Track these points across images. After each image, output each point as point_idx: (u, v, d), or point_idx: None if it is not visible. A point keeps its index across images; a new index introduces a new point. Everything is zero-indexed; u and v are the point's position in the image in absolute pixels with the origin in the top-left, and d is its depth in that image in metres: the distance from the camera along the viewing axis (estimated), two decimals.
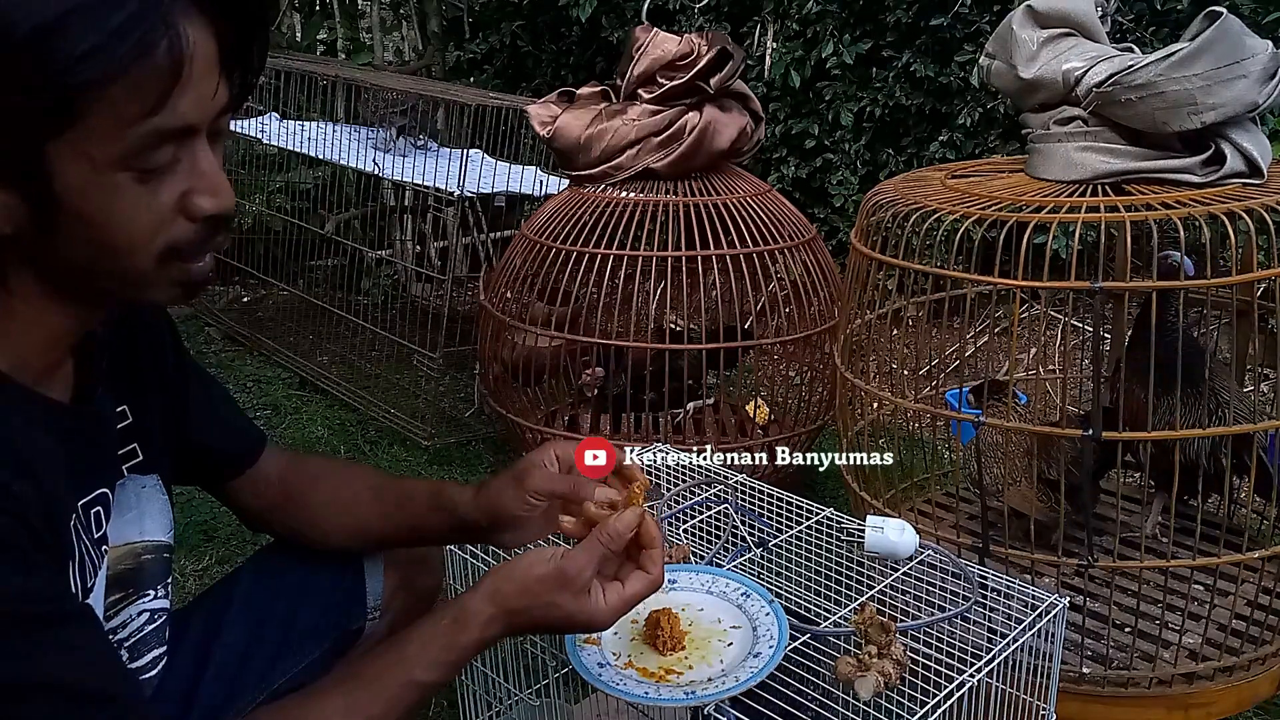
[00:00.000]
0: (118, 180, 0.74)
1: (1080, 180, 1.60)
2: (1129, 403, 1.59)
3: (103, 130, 0.72)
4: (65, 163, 0.73)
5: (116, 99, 0.71)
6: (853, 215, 3.52)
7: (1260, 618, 1.60)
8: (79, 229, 0.75)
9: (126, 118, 0.72)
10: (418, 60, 4.87)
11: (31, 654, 0.74)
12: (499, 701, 1.35)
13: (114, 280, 0.80)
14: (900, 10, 3.41)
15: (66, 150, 0.72)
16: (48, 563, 0.79)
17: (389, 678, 0.92)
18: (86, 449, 0.90)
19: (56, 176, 0.73)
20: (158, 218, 0.77)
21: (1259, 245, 1.44)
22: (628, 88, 2.31)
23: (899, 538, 1.25)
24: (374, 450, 2.76)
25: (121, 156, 0.74)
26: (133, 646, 1.01)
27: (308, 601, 1.20)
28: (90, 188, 0.74)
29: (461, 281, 3.70)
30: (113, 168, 0.74)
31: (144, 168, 0.75)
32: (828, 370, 2.29)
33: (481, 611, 0.94)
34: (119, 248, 0.77)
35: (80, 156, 0.73)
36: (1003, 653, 1.10)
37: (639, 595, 0.97)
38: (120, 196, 0.75)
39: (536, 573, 0.95)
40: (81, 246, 0.77)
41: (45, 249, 0.77)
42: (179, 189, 0.78)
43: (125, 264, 0.78)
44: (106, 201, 0.75)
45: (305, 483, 1.20)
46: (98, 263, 0.78)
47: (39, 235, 0.76)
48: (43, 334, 0.83)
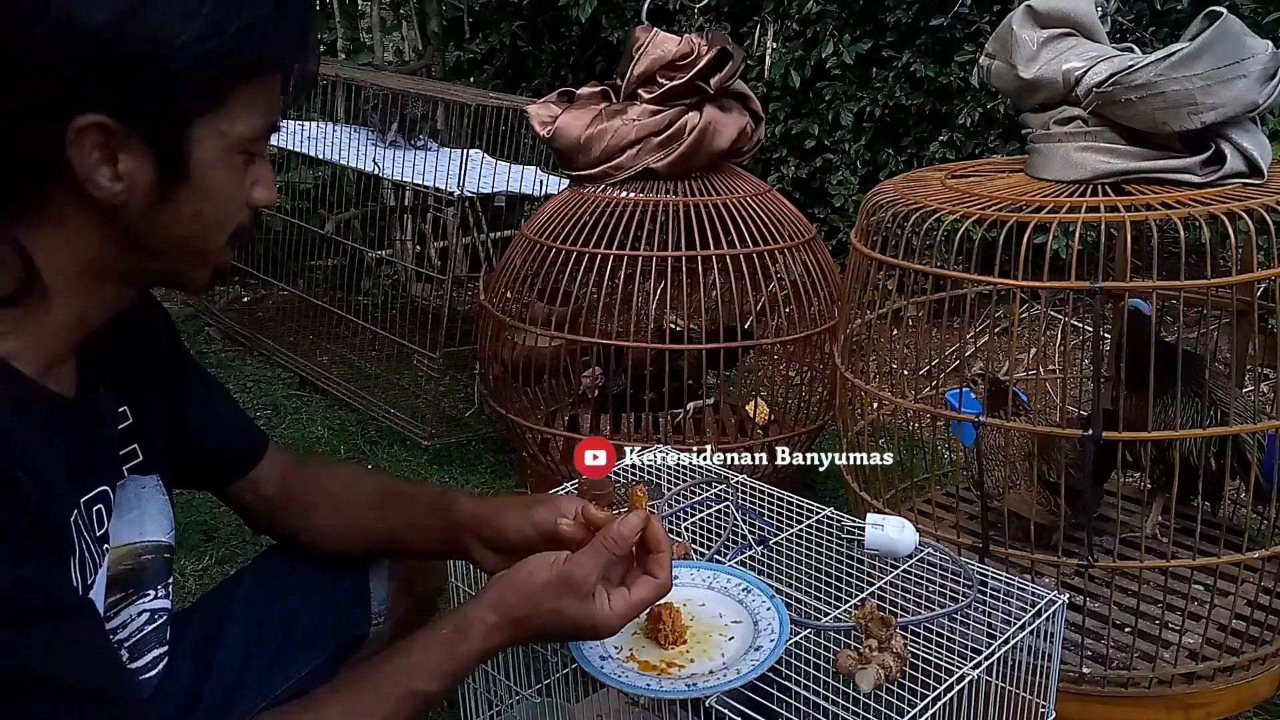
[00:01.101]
0: (235, 161, 0.84)
1: (1080, 180, 1.60)
2: (1123, 409, 1.59)
3: (242, 115, 0.81)
4: (205, 140, 0.80)
5: (257, 89, 0.81)
6: (853, 215, 3.52)
7: (1260, 618, 1.61)
8: (193, 201, 0.82)
9: (259, 107, 0.82)
10: (418, 60, 4.87)
11: (28, 646, 0.74)
12: (500, 700, 1.35)
13: (185, 257, 0.86)
14: (900, 10, 3.41)
15: (209, 128, 0.80)
16: (47, 555, 0.79)
17: (389, 687, 0.92)
18: (88, 446, 0.90)
19: (194, 151, 0.80)
20: (242, 200, 0.86)
21: (1259, 245, 1.44)
22: (628, 88, 2.31)
23: (899, 535, 1.26)
24: (374, 450, 2.76)
25: (246, 139, 0.83)
26: (133, 646, 1.02)
27: (310, 603, 1.20)
28: (217, 165, 0.82)
29: (461, 281, 3.70)
30: (236, 149, 0.83)
31: (253, 152, 0.84)
32: (828, 370, 2.29)
33: (484, 621, 0.94)
34: (216, 222, 0.85)
35: (219, 136, 0.81)
36: (1002, 648, 1.10)
37: (645, 601, 0.96)
38: (233, 176, 0.84)
39: (539, 579, 0.94)
40: (182, 221, 0.83)
41: (149, 218, 0.81)
42: (252, 179, 0.86)
43: (208, 240, 0.86)
44: (223, 179, 0.83)
45: (308, 485, 1.20)
46: (185, 238, 0.84)
47: (152, 204, 0.80)
48: (64, 320, 0.84)
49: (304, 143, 3.34)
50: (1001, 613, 1.18)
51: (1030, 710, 1.17)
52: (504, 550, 1.09)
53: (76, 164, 0.76)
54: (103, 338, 0.94)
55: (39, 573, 0.77)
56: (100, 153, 0.76)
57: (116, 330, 0.97)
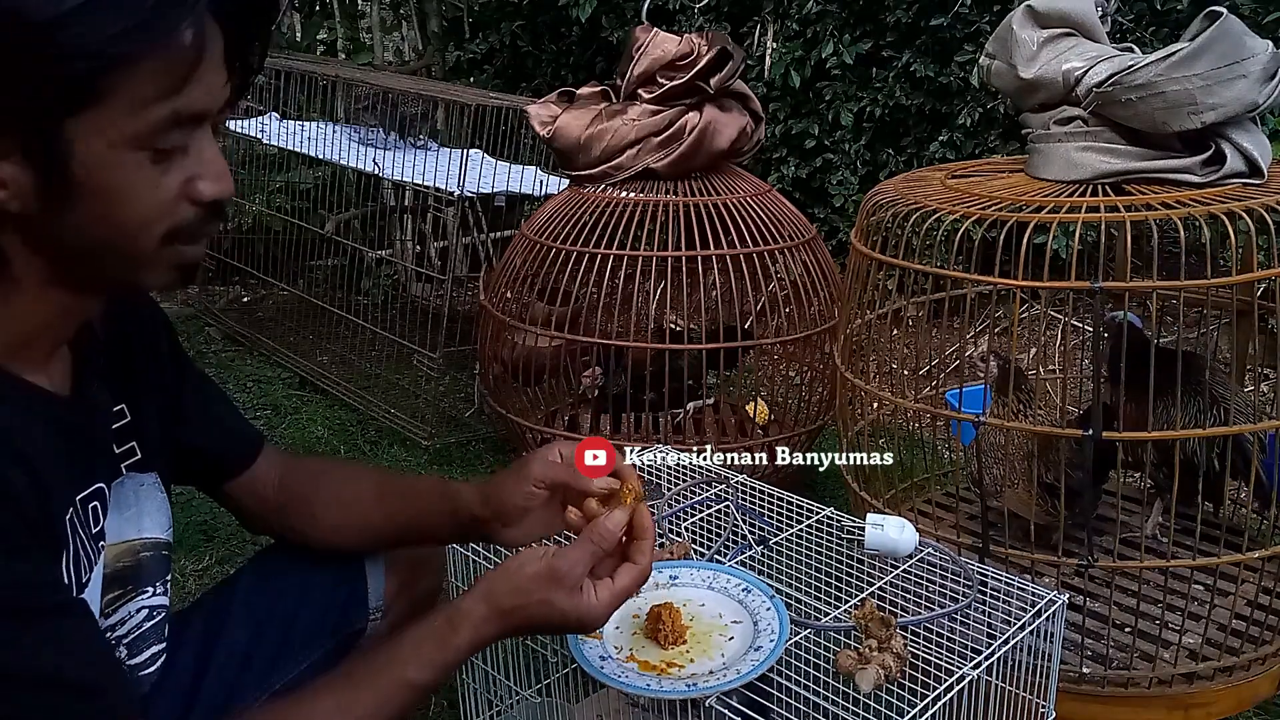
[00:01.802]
0: (132, 159, 0.76)
1: (1080, 180, 1.60)
2: (1121, 414, 1.59)
3: (124, 108, 0.74)
4: (84, 139, 0.74)
5: (141, 79, 0.73)
6: (853, 215, 3.52)
7: (1260, 618, 1.61)
8: (91, 206, 0.76)
9: (147, 98, 0.74)
10: (418, 60, 4.87)
11: (21, 643, 0.74)
12: (500, 700, 1.35)
13: (116, 261, 0.81)
14: (900, 10, 3.42)
15: (86, 126, 0.74)
16: (41, 553, 0.80)
17: (381, 678, 0.92)
18: (83, 443, 0.90)
19: (74, 152, 0.74)
20: (165, 199, 0.79)
21: (1259, 245, 1.44)
22: (628, 88, 2.31)
23: (899, 535, 1.26)
24: (374, 450, 2.76)
25: (138, 135, 0.75)
26: (131, 643, 1.02)
27: (309, 602, 1.20)
28: (106, 164, 0.75)
29: (461, 281, 3.70)
30: (129, 146, 0.76)
31: (157, 148, 0.77)
32: (828, 370, 2.29)
33: (474, 611, 0.95)
34: (128, 226, 0.78)
35: (99, 133, 0.74)
36: (1003, 648, 1.10)
37: (628, 588, 0.97)
38: (133, 175, 0.77)
39: (529, 570, 0.95)
40: (91, 225, 0.78)
41: (52, 227, 0.78)
42: (185, 174, 0.79)
43: (131, 244, 0.79)
44: (120, 179, 0.76)
45: (306, 484, 1.20)
46: (104, 242, 0.79)
47: (48, 212, 0.76)
48: (37, 321, 0.83)
49: (304, 143, 3.34)
50: (1001, 613, 1.18)
51: (1030, 710, 1.17)
52: (516, 521, 1.11)
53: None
54: (99, 337, 0.94)
55: (32, 570, 0.77)
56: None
57: (113, 330, 0.97)
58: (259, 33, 0.81)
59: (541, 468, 1.08)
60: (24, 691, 0.75)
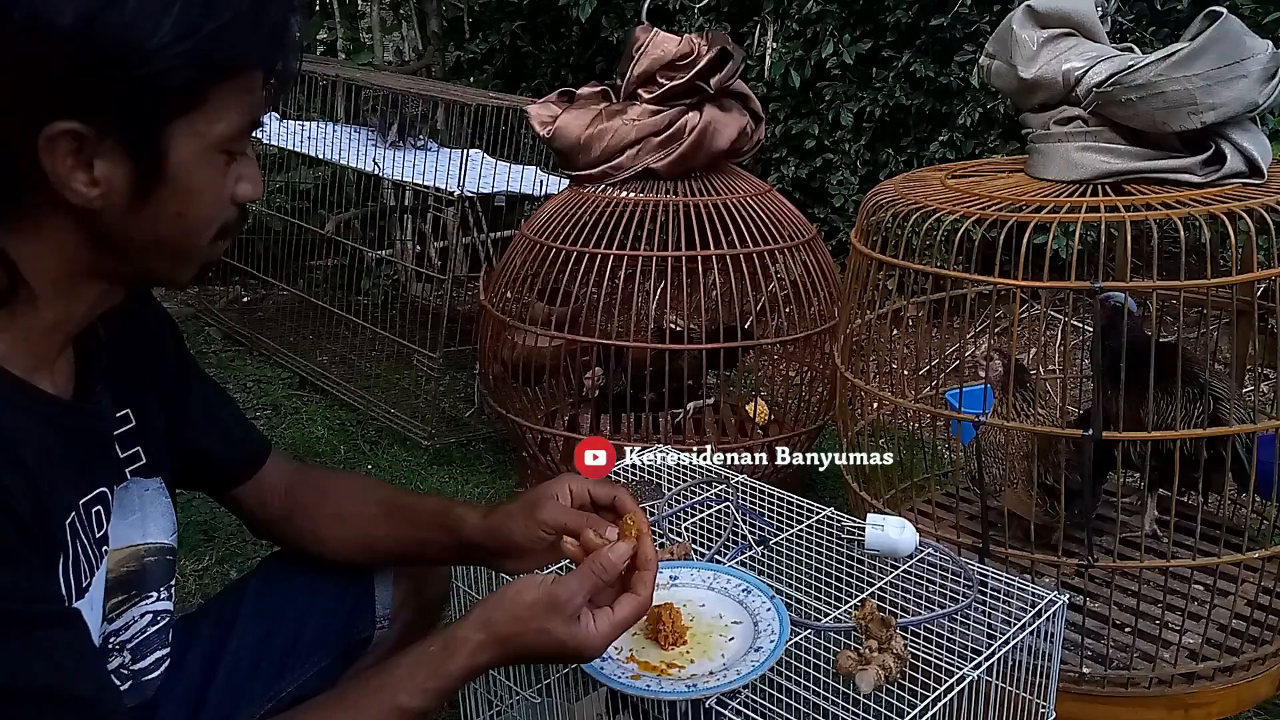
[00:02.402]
0: (216, 161, 0.81)
1: (1080, 180, 1.60)
2: (1104, 407, 1.59)
3: (220, 114, 0.79)
4: (183, 142, 0.79)
5: (238, 87, 0.80)
6: (853, 215, 3.52)
7: (1260, 618, 1.60)
8: (172, 202, 0.80)
9: (239, 104, 0.81)
10: (418, 60, 4.87)
11: (10, 654, 0.74)
12: (500, 700, 1.35)
13: (170, 256, 0.85)
14: (900, 10, 3.42)
15: (186, 129, 0.78)
16: (35, 561, 0.79)
17: (373, 702, 0.92)
18: (86, 446, 0.90)
19: (172, 154, 0.78)
20: (225, 198, 0.84)
21: (1259, 245, 1.44)
22: (628, 88, 2.31)
23: (899, 535, 1.26)
24: (374, 450, 2.76)
25: (225, 139, 0.81)
26: (135, 648, 1.01)
27: (316, 609, 1.20)
28: (196, 166, 0.80)
29: (461, 281, 3.70)
30: (217, 149, 0.81)
31: (234, 151, 0.82)
32: (828, 370, 2.29)
33: (470, 638, 0.94)
34: (197, 224, 0.83)
35: (196, 136, 0.79)
36: (1003, 649, 1.10)
37: (627, 620, 0.96)
38: (214, 175, 0.82)
39: (527, 598, 0.94)
40: (163, 222, 0.81)
41: (125, 224, 0.80)
42: (235, 175, 0.84)
43: (192, 239, 0.84)
44: (203, 180, 0.82)
45: (312, 495, 1.20)
46: (168, 239, 0.83)
47: (131, 205, 0.79)
48: (53, 317, 0.84)
49: (304, 143, 3.34)
50: (1001, 613, 1.18)
51: (1030, 710, 1.17)
52: (520, 556, 1.10)
53: (50, 171, 0.75)
54: (102, 339, 0.94)
55: (25, 580, 0.77)
56: (74, 159, 0.75)
57: (119, 333, 0.97)
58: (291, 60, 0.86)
59: (553, 514, 1.07)
60: (9, 702, 0.74)
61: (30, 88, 0.73)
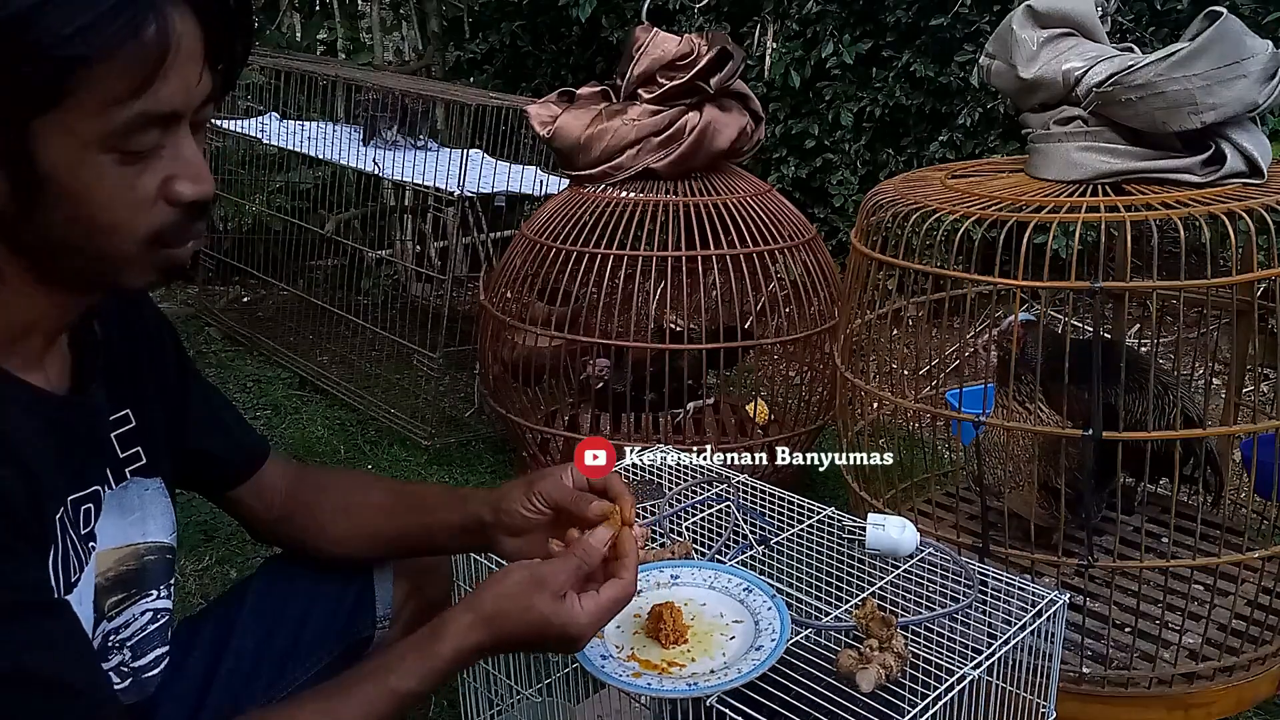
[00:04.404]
0: (102, 160, 0.75)
1: (1080, 180, 1.60)
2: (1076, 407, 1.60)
3: (89, 109, 0.73)
4: (51, 140, 0.73)
5: (103, 78, 0.72)
6: (853, 215, 3.52)
7: (1260, 618, 1.61)
8: (62, 207, 0.76)
9: (112, 98, 0.73)
10: (418, 60, 4.87)
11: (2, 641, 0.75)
12: (501, 700, 1.35)
13: (96, 261, 0.81)
14: (900, 10, 3.42)
15: (53, 127, 0.73)
16: (28, 551, 0.80)
17: (367, 685, 0.93)
18: (78, 442, 0.90)
19: (41, 153, 0.74)
20: (140, 201, 0.78)
21: (1259, 245, 1.44)
22: (628, 88, 2.31)
23: (900, 535, 1.26)
24: (374, 450, 2.76)
25: (106, 136, 0.74)
26: (135, 646, 1.02)
27: (317, 608, 1.21)
28: (74, 166, 0.75)
29: (461, 281, 3.70)
30: (97, 147, 0.75)
31: (127, 150, 0.76)
32: (828, 370, 2.29)
33: (459, 619, 0.95)
34: (102, 228, 0.78)
35: (66, 134, 0.73)
36: (1003, 648, 1.10)
37: (614, 600, 0.97)
38: (103, 177, 0.76)
39: (514, 578, 0.96)
40: (64, 226, 0.77)
41: (29, 228, 0.78)
42: (162, 174, 0.79)
43: (108, 245, 0.79)
44: (90, 180, 0.76)
45: (313, 492, 1.20)
46: (80, 243, 0.79)
47: (23, 213, 0.76)
48: (26, 317, 0.83)
49: (304, 143, 3.34)
50: (1002, 613, 1.18)
51: (1030, 710, 1.17)
52: (521, 533, 1.11)
53: None
54: (99, 338, 0.94)
55: (16, 569, 0.77)
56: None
57: (117, 334, 0.97)
58: (239, 27, 0.80)
59: (551, 486, 1.08)
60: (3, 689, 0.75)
61: None
